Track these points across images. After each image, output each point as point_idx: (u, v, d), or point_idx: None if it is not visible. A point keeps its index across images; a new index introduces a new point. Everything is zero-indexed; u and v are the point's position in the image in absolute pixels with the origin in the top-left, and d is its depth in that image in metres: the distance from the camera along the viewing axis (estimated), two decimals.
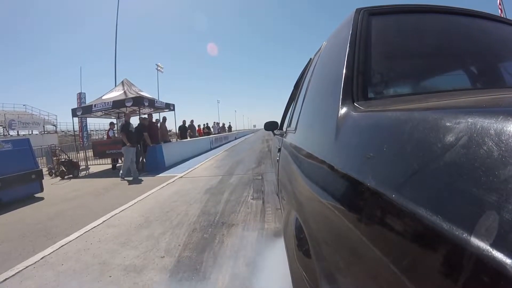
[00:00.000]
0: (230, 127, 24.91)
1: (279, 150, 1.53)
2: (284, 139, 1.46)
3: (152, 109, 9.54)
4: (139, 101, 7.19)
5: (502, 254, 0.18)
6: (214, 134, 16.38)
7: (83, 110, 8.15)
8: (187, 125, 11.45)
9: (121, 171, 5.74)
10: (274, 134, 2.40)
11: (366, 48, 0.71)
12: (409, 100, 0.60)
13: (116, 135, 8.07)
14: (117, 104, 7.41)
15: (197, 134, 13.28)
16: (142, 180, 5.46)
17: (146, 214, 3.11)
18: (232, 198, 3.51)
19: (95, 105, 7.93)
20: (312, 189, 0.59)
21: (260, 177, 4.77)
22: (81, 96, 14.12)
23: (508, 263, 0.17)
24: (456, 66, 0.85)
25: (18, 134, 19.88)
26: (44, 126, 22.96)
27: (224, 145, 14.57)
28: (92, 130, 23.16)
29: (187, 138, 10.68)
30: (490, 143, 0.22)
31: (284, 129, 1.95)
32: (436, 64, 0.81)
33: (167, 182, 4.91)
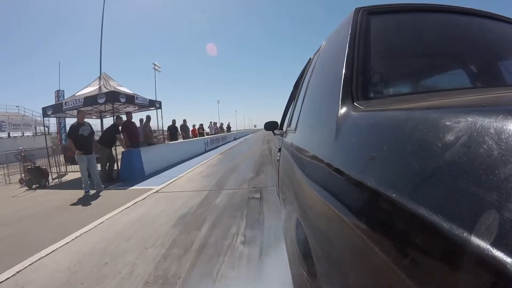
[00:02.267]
0: (229, 127, 23.65)
1: (279, 150, 1.51)
2: (284, 139, 1.44)
3: (136, 107, 8.37)
4: (113, 97, 5.98)
5: (502, 254, 0.18)
6: (211, 134, 15.23)
7: (54, 109, 6.98)
8: (178, 125, 10.28)
9: (83, 184, 4.62)
10: (274, 134, 2.38)
11: (365, 48, 0.70)
12: (409, 99, 0.60)
13: None
14: (89, 101, 6.24)
15: (190, 135, 12.11)
16: (108, 196, 4.37)
17: (76, 265, 2.02)
18: (211, 240, 2.26)
19: (65, 102, 6.78)
20: (312, 189, 0.58)
21: (258, 196, 3.53)
22: (59, 94, 12.86)
23: (509, 262, 0.17)
24: (456, 65, 0.85)
25: (9, 136, 19.12)
26: (35, 128, 22.16)
27: (221, 147, 13.44)
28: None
29: (177, 140, 9.49)
30: (490, 142, 0.22)
31: (284, 129, 1.92)
32: (436, 63, 0.80)
33: (134, 201, 3.77)
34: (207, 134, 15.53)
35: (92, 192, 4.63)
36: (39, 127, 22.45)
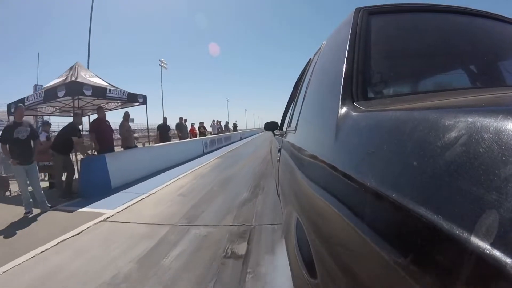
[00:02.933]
0: (235, 126, 22.04)
1: (279, 150, 1.50)
2: (284, 139, 1.43)
3: (118, 103, 7.16)
4: (75, 89, 4.73)
5: (502, 254, 0.18)
6: (213, 134, 13.94)
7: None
8: (170, 123, 9.00)
9: (23, 202, 3.58)
10: (274, 135, 2.37)
11: (365, 48, 0.70)
12: (409, 99, 0.60)
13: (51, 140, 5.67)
14: (49, 94, 5.05)
15: (189, 135, 10.85)
16: (42, 223, 3.21)
17: None
18: None
19: (27, 98, 5.63)
20: (312, 189, 0.57)
21: (242, 251, 2.00)
22: (37, 89, 11.74)
23: (509, 262, 0.17)
24: (455, 65, 0.84)
25: None
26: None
27: (222, 148, 12.02)
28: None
29: (169, 141, 8.18)
30: (490, 142, 0.22)
31: (284, 129, 1.90)
32: (436, 63, 0.79)
33: (62, 238, 2.61)
34: (211, 133, 14.26)
35: (35, 212, 3.54)
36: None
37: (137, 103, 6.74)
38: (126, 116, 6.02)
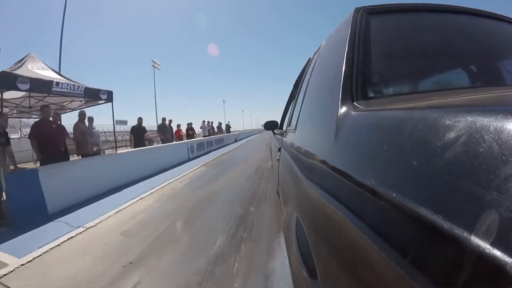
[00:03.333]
0: (228, 126, 20.71)
1: (279, 149, 1.51)
2: (284, 138, 1.44)
3: (82, 101, 6.13)
4: (3, 82, 3.64)
5: (502, 254, 0.18)
6: (204, 136, 12.86)
7: None
8: (147, 124, 7.87)
9: None
10: (274, 134, 2.39)
11: (365, 47, 0.70)
12: (408, 99, 0.60)
13: None
14: None
15: (175, 138, 9.76)
16: None
17: None
18: None
19: None
20: (312, 189, 0.58)
21: None
22: None
23: (509, 262, 0.17)
24: (455, 64, 0.84)
25: None
26: (20, 130, 20.62)
27: (212, 153, 10.51)
28: None
29: (145, 145, 7.01)
30: (491, 142, 0.22)
31: (284, 128, 1.91)
32: (436, 63, 0.79)
33: None
34: (203, 136, 13.18)
35: None
36: (25, 129, 20.97)
37: (102, 101, 5.64)
38: (81, 116, 4.88)
